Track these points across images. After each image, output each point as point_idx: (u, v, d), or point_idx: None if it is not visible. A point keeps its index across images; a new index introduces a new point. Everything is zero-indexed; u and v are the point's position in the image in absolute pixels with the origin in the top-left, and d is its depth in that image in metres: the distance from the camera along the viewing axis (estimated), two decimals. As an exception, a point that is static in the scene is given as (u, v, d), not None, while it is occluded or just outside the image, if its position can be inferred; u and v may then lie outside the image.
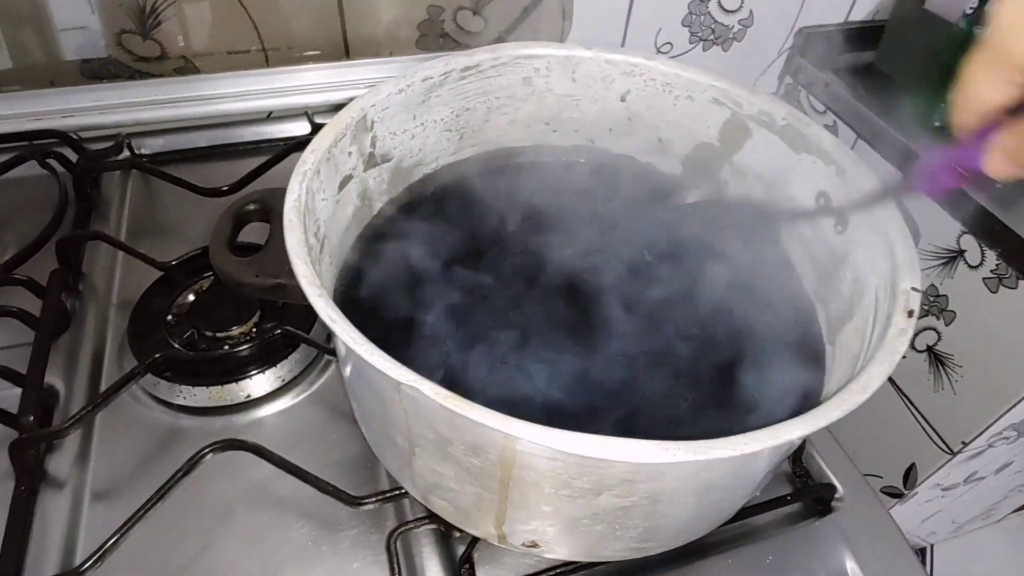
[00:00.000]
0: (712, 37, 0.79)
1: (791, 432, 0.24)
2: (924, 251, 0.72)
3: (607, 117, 0.44)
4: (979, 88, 0.24)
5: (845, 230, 0.35)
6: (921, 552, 1.16)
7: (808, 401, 0.33)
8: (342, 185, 0.36)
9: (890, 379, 0.91)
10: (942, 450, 0.77)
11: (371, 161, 0.39)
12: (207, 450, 0.36)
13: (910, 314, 0.28)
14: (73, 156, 0.56)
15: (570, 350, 0.38)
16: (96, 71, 0.63)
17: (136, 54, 0.63)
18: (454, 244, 0.42)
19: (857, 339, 0.32)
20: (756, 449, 0.23)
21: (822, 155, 0.36)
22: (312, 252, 0.32)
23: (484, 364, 0.39)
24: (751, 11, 0.78)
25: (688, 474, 0.26)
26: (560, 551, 0.33)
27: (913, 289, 0.29)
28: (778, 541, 0.38)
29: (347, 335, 0.25)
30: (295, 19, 0.64)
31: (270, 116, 0.65)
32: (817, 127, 0.37)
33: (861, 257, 0.34)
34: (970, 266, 0.68)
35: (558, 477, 0.26)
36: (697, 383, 0.36)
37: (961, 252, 0.69)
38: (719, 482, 0.28)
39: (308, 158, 0.32)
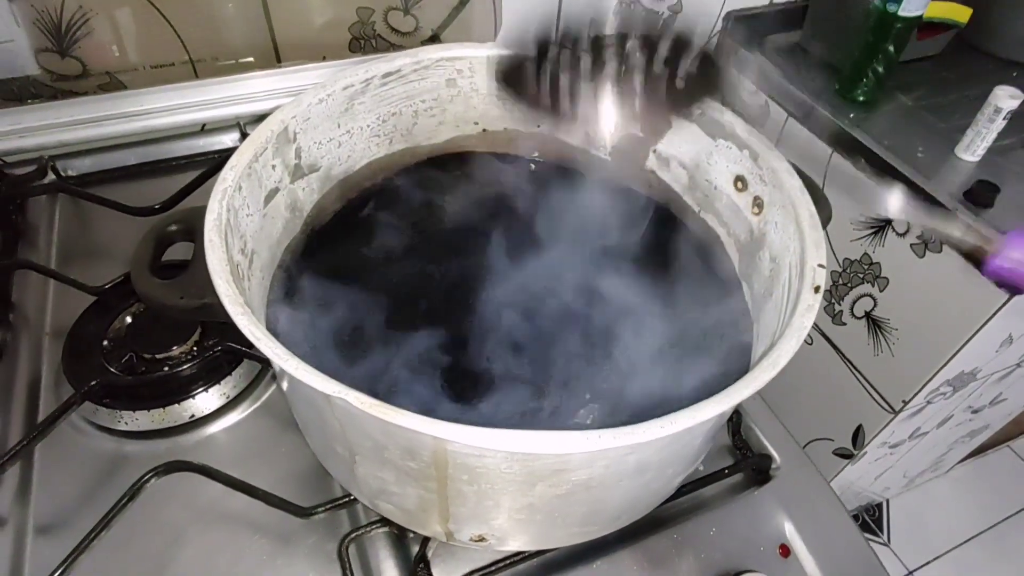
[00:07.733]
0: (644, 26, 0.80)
1: (706, 412, 0.25)
2: (855, 222, 0.75)
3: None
4: None
5: (761, 211, 0.37)
6: (877, 507, 1.21)
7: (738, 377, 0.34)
8: (268, 199, 0.36)
9: (834, 346, 0.93)
10: (885, 410, 0.81)
11: (298, 172, 0.39)
12: (150, 475, 0.36)
13: (816, 290, 0.30)
14: (-6, 183, 0.54)
15: (518, 338, 0.39)
16: (15, 92, 0.61)
17: (56, 73, 0.61)
18: (390, 246, 0.42)
19: (775, 315, 0.33)
20: (674, 431, 0.24)
21: (736, 140, 0.38)
22: (239, 269, 0.32)
23: (429, 362, 0.39)
24: (679, -2, 0.79)
25: (615, 459, 0.27)
26: (507, 543, 0.34)
27: (819, 266, 0.30)
28: (721, 513, 0.40)
29: (272, 352, 0.26)
30: (220, 28, 0.63)
31: (204, 129, 0.64)
32: (730, 114, 0.38)
33: (776, 237, 0.35)
34: (898, 234, 0.72)
35: (492, 473, 0.27)
36: (640, 370, 0.37)
37: (888, 221, 0.72)
38: (649, 463, 0.29)
39: (227, 175, 0.32)
